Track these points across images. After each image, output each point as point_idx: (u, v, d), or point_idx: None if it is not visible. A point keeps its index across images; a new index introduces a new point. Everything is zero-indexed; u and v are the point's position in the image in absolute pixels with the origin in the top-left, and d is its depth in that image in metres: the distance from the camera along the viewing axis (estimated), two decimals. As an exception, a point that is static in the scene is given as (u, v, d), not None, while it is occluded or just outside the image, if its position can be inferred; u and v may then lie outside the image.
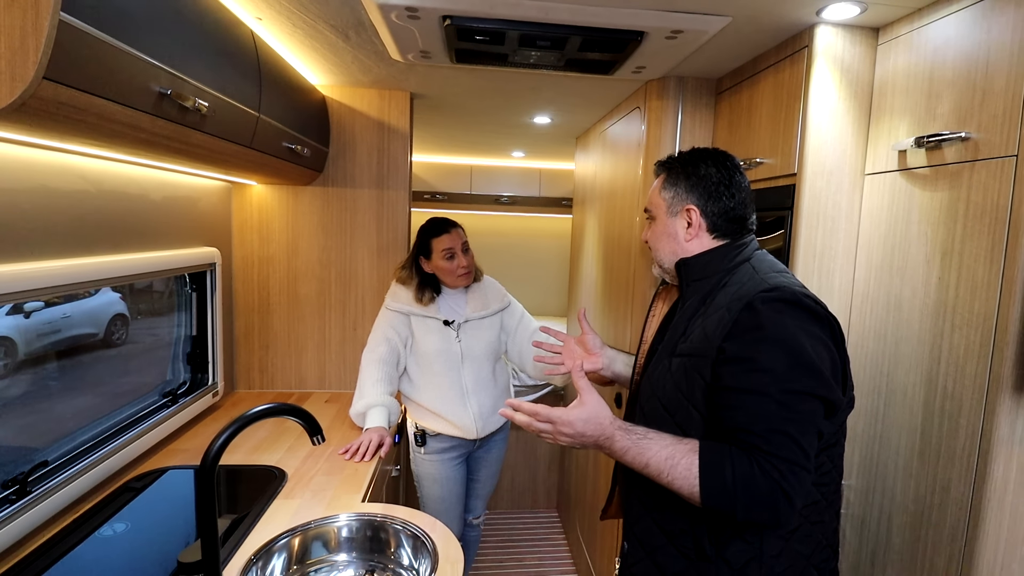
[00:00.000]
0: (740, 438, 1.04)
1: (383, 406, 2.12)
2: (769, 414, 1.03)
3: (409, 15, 1.54)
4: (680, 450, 1.07)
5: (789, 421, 1.02)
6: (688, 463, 1.05)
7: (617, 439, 1.13)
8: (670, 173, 1.30)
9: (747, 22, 1.55)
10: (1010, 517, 1.16)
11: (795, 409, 1.03)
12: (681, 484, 1.06)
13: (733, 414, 1.06)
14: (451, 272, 2.21)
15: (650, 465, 1.09)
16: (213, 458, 1.17)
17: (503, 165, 4.43)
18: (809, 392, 1.03)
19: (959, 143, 1.23)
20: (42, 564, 1.32)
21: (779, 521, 1.02)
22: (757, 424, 1.03)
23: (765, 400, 1.03)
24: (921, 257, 1.33)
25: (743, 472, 1.01)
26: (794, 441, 1.01)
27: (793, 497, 1.00)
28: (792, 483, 1.00)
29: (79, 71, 0.96)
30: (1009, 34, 1.13)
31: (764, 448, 1.02)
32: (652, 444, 1.10)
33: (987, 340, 1.15)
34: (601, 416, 1.14)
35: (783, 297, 1.08)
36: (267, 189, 2.56)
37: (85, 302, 1.76)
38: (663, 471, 1.07)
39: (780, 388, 1.02)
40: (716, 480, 1.03)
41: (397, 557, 1.56)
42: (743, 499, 1.01)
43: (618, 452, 1.13)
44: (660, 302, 1.45)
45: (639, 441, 1.11)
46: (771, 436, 1.02)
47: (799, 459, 1.01)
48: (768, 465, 1.01)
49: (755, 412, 1.04)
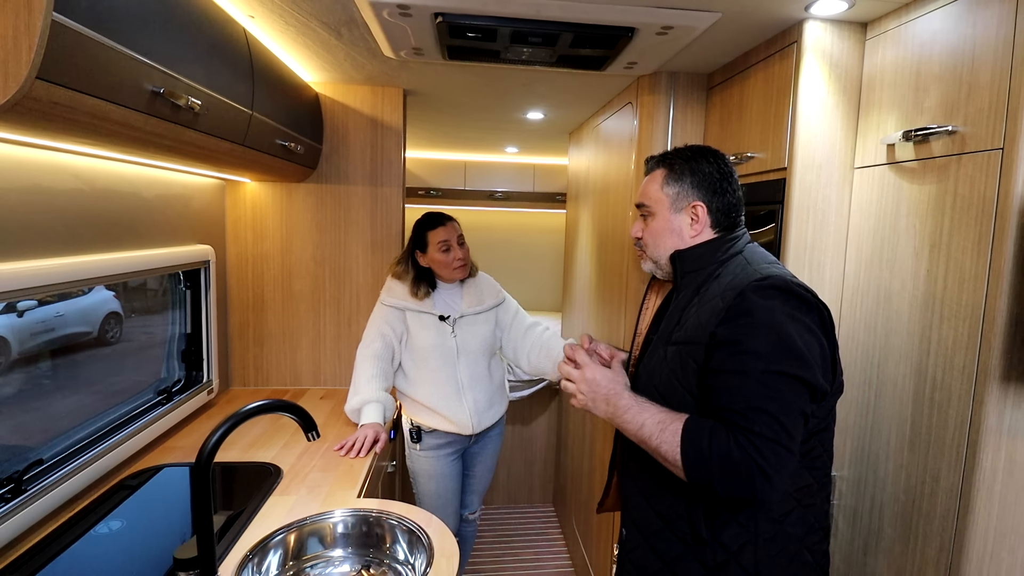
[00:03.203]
0: (724, 416, 1.08)
1: (378, 402, 2.12)
2: (749, 392, 1.06)
3: (401, 12, 1.54)
4: (671, 417, 1.14)
5: (770, 400, 1.05)
6: (675, 428, 1.11)
7: (624, 397, 1.21)
8: (672, 169, 1.30)
9: (736, 18, 1.56)
10: (999, 506, 1.17)
11: (776, 389, 1.06)
12: (667, 449, 1.11)
13: (718, 394, 1.11)
14: (447, 265, 2.21)
15: (644, 426, 1.15)
16: (208, 454, 1.18)
17: (497, 161, 4.43)
18: (792, 375, 1.06)
19: (946, 136, 1.24)
20: (38, 562, 1.33)
21: (757, 497, 1.05)
22: (738, 402, 1.07)
23: (747, 379, 1.07)
24: (910, 250, 1.35)
25: (720, 444, 1.05)
26: (774, 419, 1.04)
27: (771, 474, 1.03)
28: (770, 459, 1.03)
29: (72, 71, 0.96)
30: (994, 29, 1.14)
31: (742, 424, 1.05)
32: (650, 407, 1.18)
33: (975, 331, 1.17)
34: (618, 377, 1.26)
35: (775, 285, 1.12)
36: (261, 186, 2.56)
37: (78, 301, 1.76)
38: (653, 434, 1.14)
39: (763, 369, 1.06)
40: (694, 449, 1.08)
41: (393, 552, 1.56)
42: (718, 471, 1.05)
43: (622, 408, 1.20)
44: (653, 294, 1.47)
45: (641, 403, 1.19)
46: (750, 413, 1.05)
47: (779, 437, 1.04)
48: (744, 440, 1.04)
49: (737, 391, 1.07)
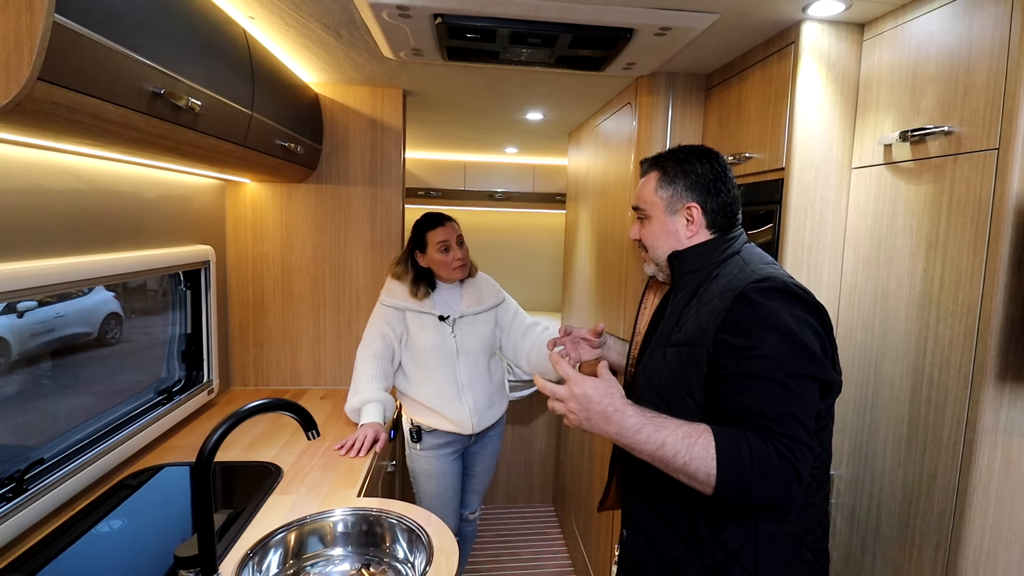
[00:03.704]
0: (750, 421, 1.06)
1: (378, 402, 2.13)
2: (777, 397, 1.06)
3: (400, 13, 1.55)
4: (697, 430, 1.05)
5: (794, 403, 1.05)
6: (705, 443, 1.03)
7: (630, 414, 1.07)
8: (665, 172, 1.31)
9: (734, 19, 1.56)
10: (995, 504, 1.18)
11: (798, 391, 1.06)
12: (698, 465, 1.03)
13: (739, 399, 1.09)
14: (446, 265, 2.22)
15: (667, 444, 1.04)
16: (209, 453, 1.19)
17: (497, 161, 4.43)
18: (808, 375, 1.07)
19: (942, 137, 1.25)
20: (40, 560, 1.33)
21: (790, 500, 1.04)
22: (767, 408, 1.05)
23: (771, 384, 1.06)
24: (907, 249, 1.35)
25: (760, 453, 1.02)
26: (799, 422, 1.05)
27: (803, 475, 1.04)
28: (802, 462, 1.04)
29: (73, 72, 0.97)
30: (990, 30, 1.14)
31: (776, 430, 1.04)
32: (668, 423, 1.07)
33: (971, 330, 1.17)
34: (613, 389, 1.10)
35: (775, 287, 1.12)
36: (261, 187, 2.56)
37: (78, 301, 1.77)
38: (679, 451, 1.04)
39: (784, 372, 1.06)
40: (734, 461, 1.02)
41: (392, 551, 1.57)
42: (759, 479, 1.02)
43: (631, 428, 1.06)
44: (651, 294, 1.47)
45: (654, 419, 1.07)
46: (781, 418, 1.04)
47: (806, 439, 1.05)
48: (781, 446, 1.03)
49: (763, 396, 1.06)
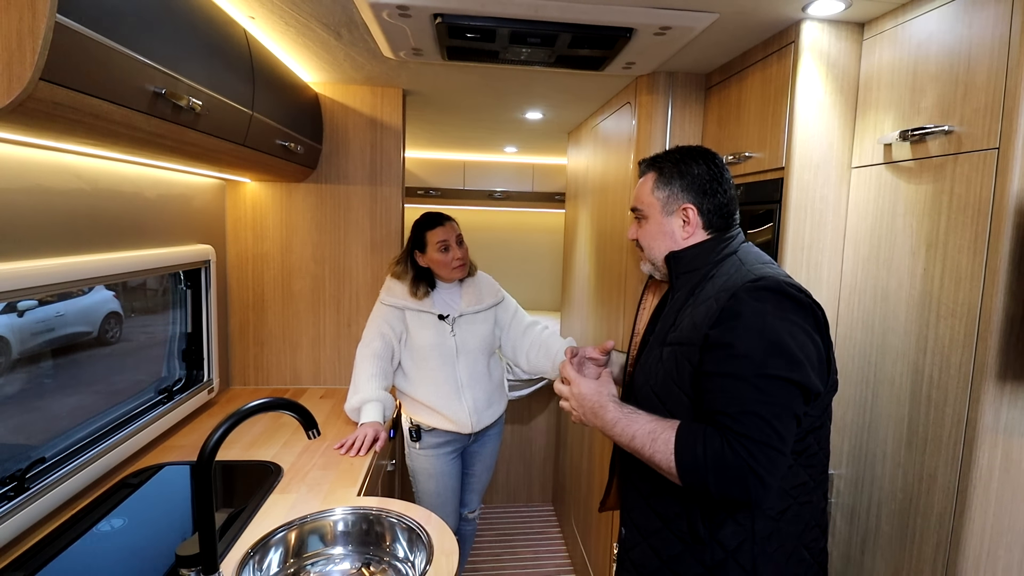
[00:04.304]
0: (716, 420, 1.09)
1: (378, 401, 2.13)
2: (742, 396, 1.07)
3: (400, 13, 1.55)
4: (662, 426, 1.15)
5: (762, 404, 1.06)
6: (667, 438, 1.12)
7: (610, 409, 1.23)
8: (661, 173, 1.31)
9: (734, 18, 1.57)
10: (995, 504, 1.18)
11: (768, 392, 1.06)
12: (660, 458, 1.12)
13: (712, 397, 1.11)
14: (446, 264, 2.22)
15: (635, 438, 1.16)
16: (210, 452, 1.19)
17: (496, 160, 4.43)
18: (784, 377, 1.07)
19: (942, 136, 1.25)
20: (41, 559, 1.33)
21: (752, 498, 1.06)
22: (731, 406, 1.08)
23: (740, 383, 1.08)
24: (907, 249, 1.36)
25: (714, 449, 1.06)
26: (766, 422, 1.05)
27: (764, 477, 1.04)
28: (762, 462, 1.04)
29: (75, 72, 0.97)
30: (990, 29, 1.14)
31: (734, 428, 1.06)
32: (639, 419, 1.19)
33: (971, 330, 1.17)
34: (603, 389, 1.28)
35: (767, 286, 1.12)
36: (261, 186, 2.57)
37: (78, 300, 1.77)
38: (645, 444, 1.15)
39: (756, 372, 1.07)
40: (688, 455, 1.09)
41: (393, 550, 1.57)
42: (713, 475, 1.06)
43: (609, 422, 1.22)
44: (650, 294, 1.48)
45: (629, 415, 1.20)
46: (742, 417, 1.06)
47: (771, 440, 1.05)
48: (738, 444, 1.05)
49: (730, 395, 1.08)
